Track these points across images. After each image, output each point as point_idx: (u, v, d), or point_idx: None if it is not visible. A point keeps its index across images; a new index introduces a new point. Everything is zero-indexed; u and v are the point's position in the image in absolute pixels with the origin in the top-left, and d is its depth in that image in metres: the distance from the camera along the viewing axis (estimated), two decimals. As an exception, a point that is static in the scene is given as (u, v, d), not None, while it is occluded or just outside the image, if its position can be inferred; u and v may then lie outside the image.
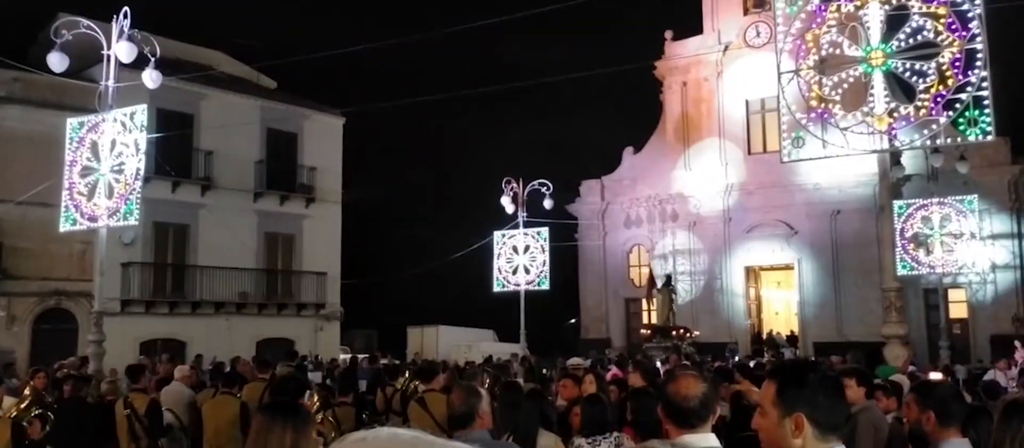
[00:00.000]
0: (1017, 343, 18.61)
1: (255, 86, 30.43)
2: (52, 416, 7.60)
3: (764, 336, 34.62)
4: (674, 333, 27.84)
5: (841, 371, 7.04)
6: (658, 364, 15.11)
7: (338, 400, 8.93)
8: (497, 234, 22.45)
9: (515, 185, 22.12)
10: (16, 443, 6.34)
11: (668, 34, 37.13)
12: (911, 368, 13.56)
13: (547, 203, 22.15)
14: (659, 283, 30.38)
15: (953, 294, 30.23)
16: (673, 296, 30.10)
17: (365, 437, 0.85)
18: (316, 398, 7.57)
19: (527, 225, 22.14)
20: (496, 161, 40.54)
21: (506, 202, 21.94)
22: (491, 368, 13.48)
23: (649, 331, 28.77)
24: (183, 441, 9.30)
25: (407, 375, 10.93)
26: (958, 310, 30.99)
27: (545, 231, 22.14)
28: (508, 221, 22.31)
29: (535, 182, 22.28)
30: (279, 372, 11.58)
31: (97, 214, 12.24)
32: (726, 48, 35.44)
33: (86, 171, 12.42)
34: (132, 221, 12.28)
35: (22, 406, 7.22)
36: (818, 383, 2.35)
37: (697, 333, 29.73)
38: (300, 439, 3.11)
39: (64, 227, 12.81)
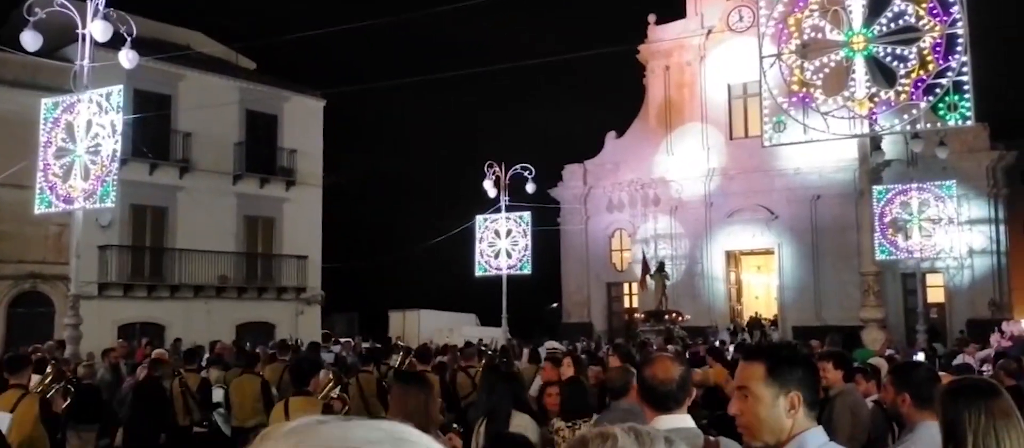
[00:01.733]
0: (997, 329, 18.85)
1: (234, 67, 30.07)
2: (73, 391, 8.30)
3: (746, 320, 34.92)
4: (667, 317, 28.73)
5: (819, 355, 7.08)
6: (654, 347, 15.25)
7: (361, 369, 10.33)
8: (479, 218, 22.41)
9: (497, 169, 22.07)
10: (43, 417, 6.78)
11: (651, 18, 37.11)
12: (889, 351, 13.69)
13: (529, 187, 22.13)
14: (652, 268, 31.03)
15: (931, 279, 30.60)
16: (665, 281, 30.77)
17: (296, 427, 0.88)
18: (330, 375, 8.09)
19: (509, 209, 22.12)
20: (478, 145, 40.39)
21: (488, 186, 21.90)
22: (492, 351, 13.73)
23: (643, 315, 29.71)
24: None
25: (401, 354, 11.70)
26: (936, 294, 31.37)
27: (527, 215, 22.12)
28: (490, 205, 22.28)
29: (517, 166, 22.24)
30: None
31: (73, 196, 12.08)
32: (709, 32, 35.46)
33: (61, 152, 12.25)
34: (109, 203, 12.15)
35: (46, 382, 7.67)
36: (808, 363, 2.46)
37: (689, 317, 30.40)
38: (429, 399, 4.02)
39: (39, 209, 12.65)
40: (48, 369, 8.20)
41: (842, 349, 8.89)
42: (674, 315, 29.36)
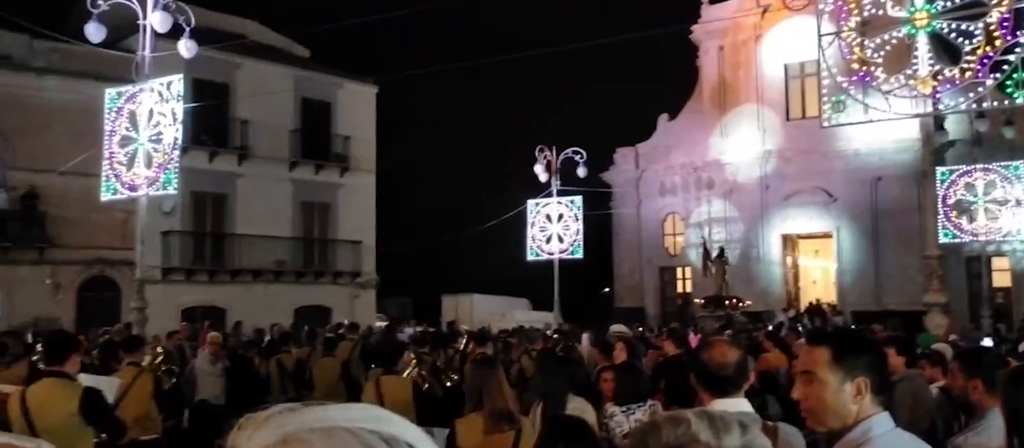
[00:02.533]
0: None
1: (288, 55, 30.55)
2: (176, 370, 9.46)
3: (804, 305, 34.30)
4: (727, 303, 28.61)
5: (880, 340, 6.93)
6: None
7: (421, 352, 10.95)
8: (531, 203, 22.38)
9: (548, 153, 21.99)
10: (155, 394, 7.33)
11: (704, -2, 36.46)
12: (953, 336, 13.33)
13: (581, 171, 22.00)
14: (713, 254, 31.15)
15: (997, 262, 29.61)
16: (726, 267, 30.73)
17: (273, 414, 0.90)
18: (412, 355, 8.76)
19: (561, 193, 22.03)
20: (529, 129, 40.33)
21: (539, 170, 21.83)
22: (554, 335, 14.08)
23: (702, 301, 29.69)
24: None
25: (465, 339, 12.92)
26: (1002, 279, 30.36)
27: (579, 199, 22.01)
28: (542, 190, 22.21)
29: (569, 150, 22.12)
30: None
31: (137, 183, 12.40)
32: (765, 11, 34.71)
33: (125, 141, 12.57)
34: (171, 190, 12.44)
35: (158, 361, 8.39)
36: (875, 348, 2.46)
37: (749, 302, 30.16)
38: (501, 378, 4.68)
39: (105, 196, 13.02)
40: (158, 350, 9.06)
41: (904, 334, 8.70)
42: (734, 301, 29.23)
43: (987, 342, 12.63)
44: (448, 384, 10.02)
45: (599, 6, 54.88)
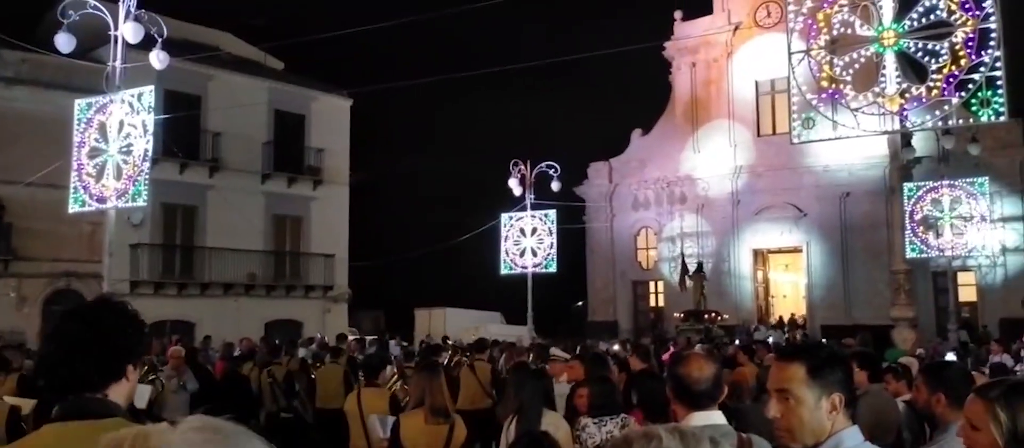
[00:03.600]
0: None
1: (262, 67, 30.37)
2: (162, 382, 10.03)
3: (775, 319, 34.66)
4: (706, 317, 29.25)
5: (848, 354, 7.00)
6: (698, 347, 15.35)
7: (405, 367, 12.07)
8: (504, 216, 22.39)
9: (522, 167, 22.04)
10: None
11: (677, 14, 36.87)
12: (919, 351, 13.52)
13: (554, 185, 22.06)
14: (691, 269, 31.63)
15: (962, 277, 30.12)
16: (704, 282, 31.17)
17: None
18: (394, 370, 9.55)
19: (534, 207, 22.07)
20: (503, 143, 40.42)
21: (513, 184, 21.87)
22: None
23: (682, 315, 30.22)
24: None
25: (451, 351, 14.60)
26: (967, 293, 30.86)
27: (552, 213, 22.06)
28: (515, 203, 22.24)
29: (543, 164, 22.19)
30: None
31: (106, 195, 12.24)
32: (736, 28, 35.19)
33: (94, 152, 12.40)
34: (141, 202, 12.28)
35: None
36: (847, 362, 2.45)
37: (726, 316, 30.53)
38: (442, 383, 5.45)
39: (73, 208, 12.82)
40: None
41: (870, 349, 8.78)
42: (713, 315, 29.75)
43: (951, 356, 12.83)
44: None
45: (575, 22, 55.26)
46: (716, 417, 2.95)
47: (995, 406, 2.24)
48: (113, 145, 12.21)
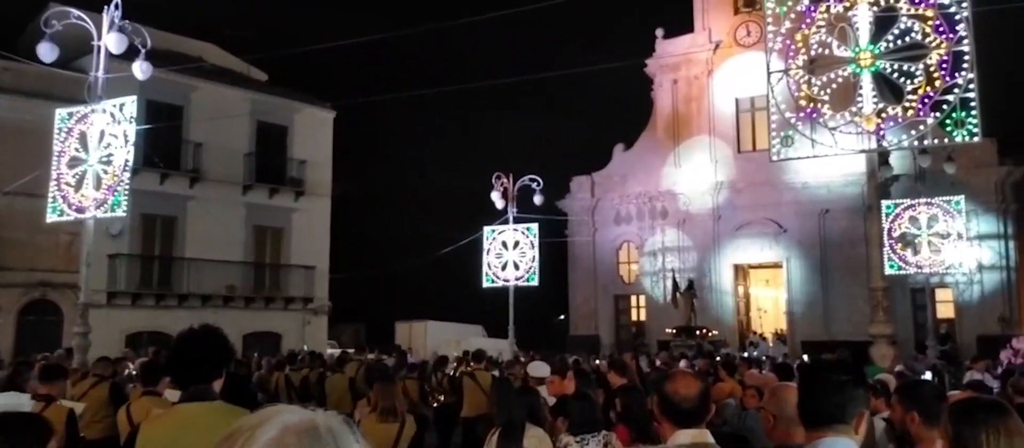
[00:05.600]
0: (1008, 345, 18.72)
1: (245, 78, 30.28)
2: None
3: (754, 334, 34.85)
4: (698, 333, 29.60)
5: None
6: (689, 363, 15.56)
7: (406, 375, 12.92)
8: (487, 229, 22.41)
9: (505, 181, 22.08)
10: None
11: (659, 32, 37.20)
12: (898, 368, 13.63)
13: (537, 199, 22.11)
14: (681, 287, 31.95)
15: (940, 294, 30.45)
16: (694, 299, 31.59)
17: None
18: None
19: (517, 221, 22.11)
20: (486, 156, 40.48)
21: (496, 197, 21.91)
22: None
23: (674, 330, 30.63)
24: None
25: (456, 361, 16.20)
26: (945, 310, 31.22)
27: (535, 227, 22.11)
28: (498, 216, 22.27)
29: (525, 178, 22.25)
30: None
31: (84, 205, 12.17)
32: (717, 47, 35.54)
33: (74, 162, 12.34)
34: (120, 213, 12.22)
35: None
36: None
37: (716, 332, 30.81)
38: (397, 389, 6.23)
39: (51, 218, 12.73)
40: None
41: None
42: (704, 331, 30.03)
43: (927, 375, 12.96)
44: (434, 405, 13.19)
45: (559, 38, 55.56)
46: (704, 435, 2.96)
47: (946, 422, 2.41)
48: (93, 155, 12.15)
